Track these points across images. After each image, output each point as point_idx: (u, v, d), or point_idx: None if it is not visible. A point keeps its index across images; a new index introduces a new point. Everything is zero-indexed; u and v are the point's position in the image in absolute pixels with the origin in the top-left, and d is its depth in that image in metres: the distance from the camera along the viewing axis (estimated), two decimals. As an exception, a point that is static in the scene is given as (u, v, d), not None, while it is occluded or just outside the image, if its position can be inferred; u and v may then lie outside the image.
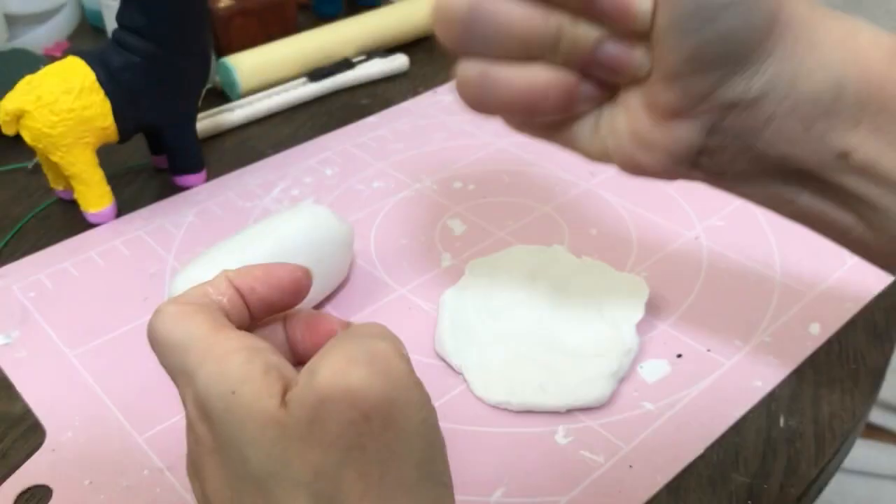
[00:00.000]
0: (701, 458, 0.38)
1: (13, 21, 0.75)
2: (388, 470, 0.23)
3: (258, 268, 0.30)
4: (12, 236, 0.53)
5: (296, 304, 0.30)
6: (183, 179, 0.57)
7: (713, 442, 0.38)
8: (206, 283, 0.29)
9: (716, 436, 0.39)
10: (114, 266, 0.50)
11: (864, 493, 1.00)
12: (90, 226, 0.53)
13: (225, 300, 0.28)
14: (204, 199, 0.56)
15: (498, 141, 0.61)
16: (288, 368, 0.26)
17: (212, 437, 0.25)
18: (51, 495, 0.36)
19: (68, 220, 0.54)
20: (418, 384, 0.25)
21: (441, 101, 0.67)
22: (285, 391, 0.24)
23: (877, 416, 1.06)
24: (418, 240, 0.51)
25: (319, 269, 0.44)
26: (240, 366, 0.25)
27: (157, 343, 0.27)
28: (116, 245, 0.51)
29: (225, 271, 0.30)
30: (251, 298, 0.29)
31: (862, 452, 1.00)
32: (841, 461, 0.40)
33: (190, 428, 0.27)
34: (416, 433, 0.24)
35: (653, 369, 0.42)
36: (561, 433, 0.39)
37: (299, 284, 0.30)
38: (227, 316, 0.28)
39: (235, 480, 0.25)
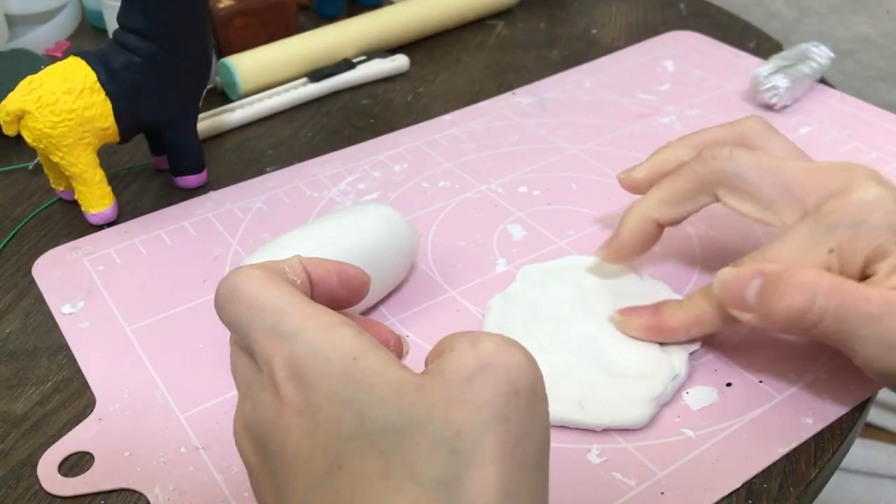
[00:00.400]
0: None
1: (14, 21, 0.75)
2: (520, 445, 0.25)
3: (330, 262, 0.31)
4: (12, 237, 0.53)
5: (354, 304, 0.32)
6: (183, 180, 0.57)
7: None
8: (281, 261, 0.30)
9: (757, 471, 0.37)
10: (180, 246, 0.51)
11: (862, 492, 1.00)
12: (91, 226, 0.53)
13: (298, 282, 0.30)
14: (273, 186, 0.57)
15: (571, 147, 0.60)
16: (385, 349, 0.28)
17: (304, 397, 0.26)
18: (92, 462, 0.38)
19: (69, 220, 0.54)
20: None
21: (518, 104, 0.66)
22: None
23: (876, 417, 1.06)
24: (476, 242, 0.51)
25: (381, 272, 0.44)
26: (355, 336, 0.27)
27: (237, 300, 0.28)
28: (185, 225, 0.53)
29: (298, 256, 0.31)
30: (319, 289, 0.31)
31: (861, 452, 1.01)
32: (840, 461, 0.40)
33: (268, 389, 0.27)
34: (543, 424, 0.27)
35: (699, 396, 0.41)
36: (595, 452, 0.38)
37: (363, 288, 0.32)
38: None
39: (338, 440, 0.25)
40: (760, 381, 0.41)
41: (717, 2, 0.85)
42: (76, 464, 0.38)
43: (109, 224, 0.53)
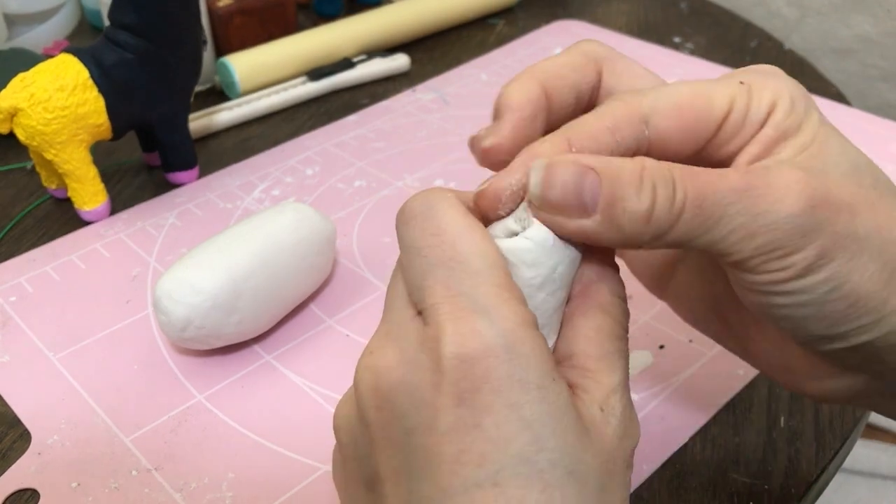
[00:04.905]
0: (701, 458, 0.38)
1: (12, 20, 0.75)
2: (627, 474, 0.26)
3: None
4: (4, 235, 0.53)
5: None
6: (175, 176, 0.57)
7: (708, 437, 0.39)
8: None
9: (701, 424, 0.39)
10: (95, 269, 0.49)
11: (864, 493, 0.99)
12: (85, 224, 0.53)
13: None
14: (184, 201, 0.55)
15: (477, 138, 0.61)
16: None
17: (473, 388, 0.24)
18: (38, 499, 0.36)
19: (64, 218, 0.54)
20: None
21: (420, 100, 0.67)
22: None
23: (877, 417, 1.00)
24: (401, 237, 0.51)
25: (304, 266, 0.44)
26: (548, 351, 0.25)
27: (430, 230, 0.25)
28: (97, 248, 0.51)
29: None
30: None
31: (862, 452, 1.00)
32: (841, 461, 0.40)
33: (428, 354, 0.24)
34: None
35: (637, 360, 0.43)
36: (548, 425, 0.39)
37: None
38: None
39: (503, 455, 0.24)
40: (690, 341, 0.44)
41: (719, 1, 0.86)
42: (20, 502, 0.36)
43: (9, 255, 0.51)
